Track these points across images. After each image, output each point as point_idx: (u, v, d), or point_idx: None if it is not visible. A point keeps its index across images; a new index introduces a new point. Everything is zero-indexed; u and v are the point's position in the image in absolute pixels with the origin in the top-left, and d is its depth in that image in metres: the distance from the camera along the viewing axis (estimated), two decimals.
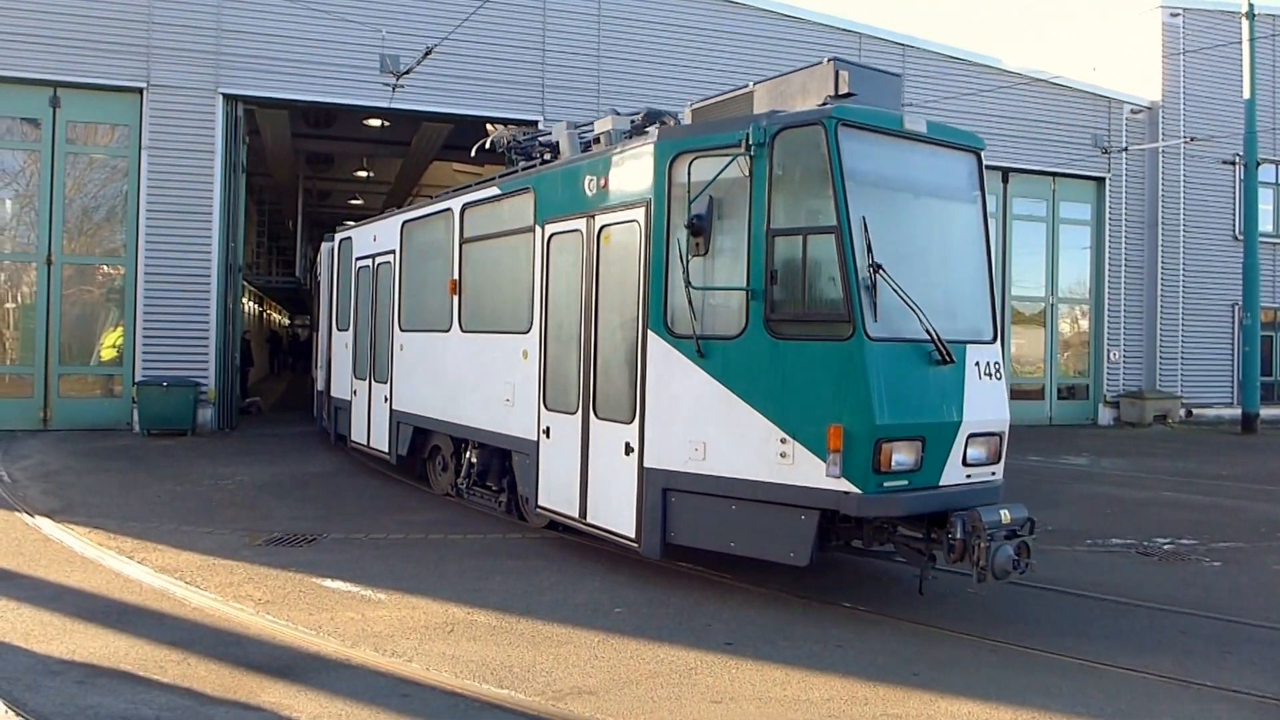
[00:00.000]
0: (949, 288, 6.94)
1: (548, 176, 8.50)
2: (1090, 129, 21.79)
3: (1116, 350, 22.62)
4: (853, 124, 6.27)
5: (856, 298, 5.97)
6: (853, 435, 5.93)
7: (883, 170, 6.56)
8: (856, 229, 6.04)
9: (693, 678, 5.27)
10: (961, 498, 6.31)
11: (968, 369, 6.48)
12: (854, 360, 5.98)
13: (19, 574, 7.05)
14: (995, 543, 5.96)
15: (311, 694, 4.87)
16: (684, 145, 6.80)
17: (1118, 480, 13.76)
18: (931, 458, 6.22)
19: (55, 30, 15.52)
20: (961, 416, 6.37)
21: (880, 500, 6.02)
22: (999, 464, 6.74)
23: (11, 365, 16.31)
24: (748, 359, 6.38)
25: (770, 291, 6.24)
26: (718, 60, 18.97)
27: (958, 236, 7.06)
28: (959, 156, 7.01)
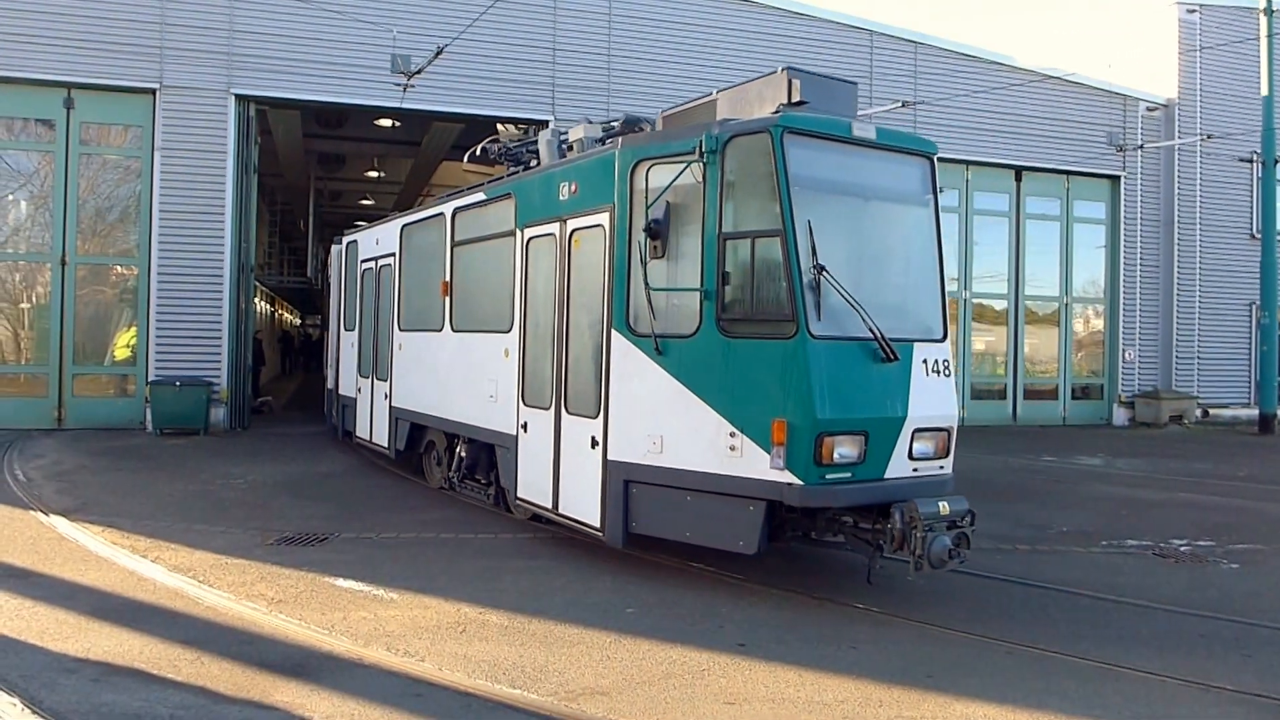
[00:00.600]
0: (899, 288, 7.25)
1: (526, 183, 8.90)
2: (1105, 127, 21.64)
3: (1131, 350, 22.47)
4: (799, 131, 6.54)
5: (800, 298, 6.26)
6: (795, 429, 6.20)
7: (831, 175, 6.81)
8: (801, 232, 6.33)
9: (705, 679, 5.24)
10: (908, 490, 6.52)
11: (914, 366, 6.71)
12: (797, 357, 6.26)
13: (35, 572, 7.08)
14: (932, 533, 6.21)
15: (324, 693, 4.86)
16: (643, 153, 7.13)
17: (1133, 481, 13.66)
18: (875, 451, 6.46)
19: (69, 32, 15.60)
20: (906, 412, 6.61)
21: (822, 491, 6.29)
22: (947, 458, 6.97)
23: (26, 365, 16.41)
24: (701, 356, 6.68)
25: (722, 292, 6.54)
26: (728, 58, 18.91)
27: (909, 238, 7.36)
28: (911, 161, 7.27)
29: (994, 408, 21.81)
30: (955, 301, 21.42)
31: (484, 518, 9.45)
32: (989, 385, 22.06)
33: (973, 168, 21.29)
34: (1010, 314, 22.01)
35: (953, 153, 20.72)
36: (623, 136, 7.82)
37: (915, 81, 19.92)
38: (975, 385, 21.75)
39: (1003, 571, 7.87)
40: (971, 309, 21.63)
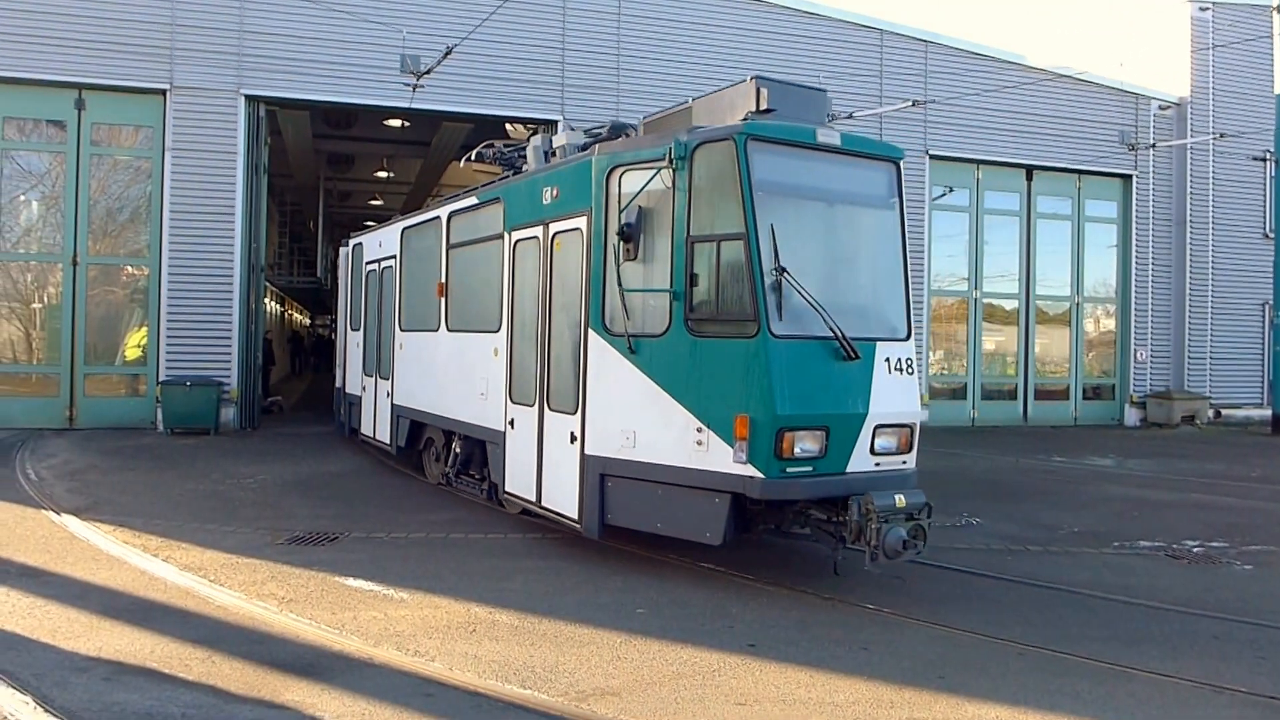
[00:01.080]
0: (863, 288, 7.53)
1: (514, 187, 9.23)
2: (1117, 125, 21.53)
3: (1143, 350, 22.35)
4: (762, 138, 6.80)
5: (762, 299, 6.50)
6: (757, 424, 6.44)
7: (795, 180, 7.06)
8: (764, 236, 6.56)
9: (716, 679, 5.22)
10: (869, 484, 6.70)
11: (877, 364, 6.92)
12: (758, 356, 6.51)
13: (47, 571, 7.10)
14: (888, 525, 6.43)
15: (335, 693, 4.87)
16: (618, 159, 7.41)
17: (1145, 482, 13.59)
18: (837, 446, 6.69)
19: (80, 33, 15.67)
20: (868, 408, 6.82)
21: (782, 485, 6.52)
22: (910, 454, 7.15)
23: (38, 365, 16.50)
24: (671, 355, 6.95)
25: (690, 294, 6.81)
26: (738, 58, 18.86)
27: (874, 241, 7.56)
28: (876, 166, 7.48)
29: (1004, 408, 21.72)
30: (966, 301, 21.37)
31: (493, 518, 9.45)
32: (999, 385, 21.97)
33: (983, 167, 21.22)
34: (1021, 314, 21.92)
35: (963, 152, 20.69)
36: (599, 143, 8.08)
37: (926, 81, 19.86)
38: (986, 385, 21.67)
39: (1014, 572, 7.83)
40: (982, 309, 21.56)
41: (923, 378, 20.27)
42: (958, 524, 9.93)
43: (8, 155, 16.21)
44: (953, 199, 21.17)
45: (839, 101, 16.84)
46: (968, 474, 13.95)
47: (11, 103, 16.00)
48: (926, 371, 20.49)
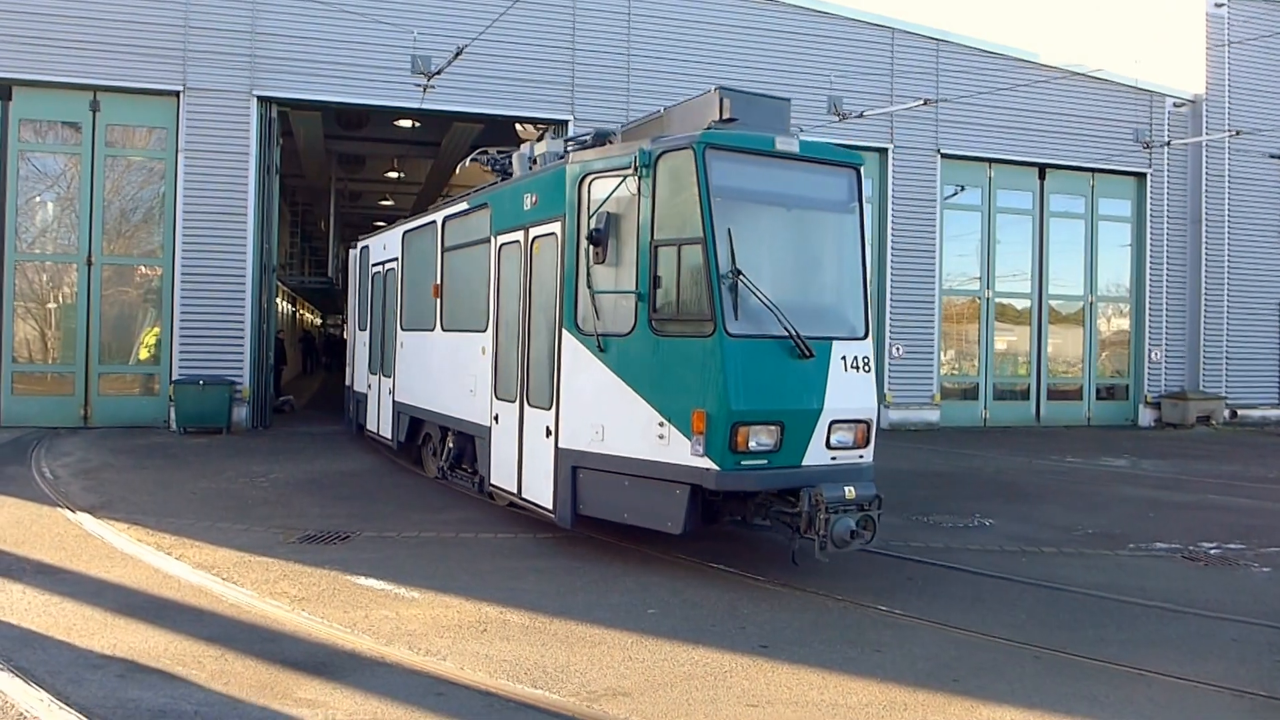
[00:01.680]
0: (821, 289, 7.81)
1: (499, 194, 9.64)
2: (1131, 123, 21.38)
3: (1158, 349, 22.19)
4: (720, 147, 7.11)
5: (718, 300, 6.79)
6: (713, 419, 6.74)
7: (753, 186, 7.35)
8: (721, 240, 6.86)
9: (728, 680, 5.20)
10: (825, 477, 6.97)
11: (833, 362, 7.18)
12: (714, 354, 6.79)
13: (62, 569, 7.14)
14: (836, 516, 6.73)
15: (347, 692, 4.87)
16: (589, 167, 7.75)
17: (1160, 483, 13.49)
18: (792, 440, 6.96)
19: (95, 36, 15.75)
20: (823, 404, 7.09)
21: (737, 476, 6.82)
22: (867, 448, 7.42)
23: (53, 364, 16.59)
24: (636, 353, 7.28)
25: (653, 295, 7.13)
26: (749, 57, 18.86)
27: (833, 244, 7.81)
28: (836, 172, 7.75)
29: (1017, 408, 21.60)
30: (977, 300, 21.26)
31: (504, 517, 9.45)
32: (1011, 385, 21.86)
33: (996, 165, 21.11)
34: (1033, 313, 21.79)
35: (975, 150, 20.59)
36: (573, 151, 8.50)
37: (937, 79, 19.77)
38: (998, 385, 21.55)
39: (1028, 574, 7.78)
40: (994, 308, 21.45)
41: (934, 378, 20.22)
42: (970, 525, 9.87)
43: (24, 157, 16.30)
44: (964, 198, 21.08)
45: (850, 100, 16.92)
46: (980, 475, 13.88)
47: (28, 105, 16.09)
48: (938, 371, 20.40)
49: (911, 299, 20.08)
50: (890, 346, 19.89)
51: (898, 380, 19.96)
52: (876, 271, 20.14)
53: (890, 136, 19.78)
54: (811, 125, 17.59)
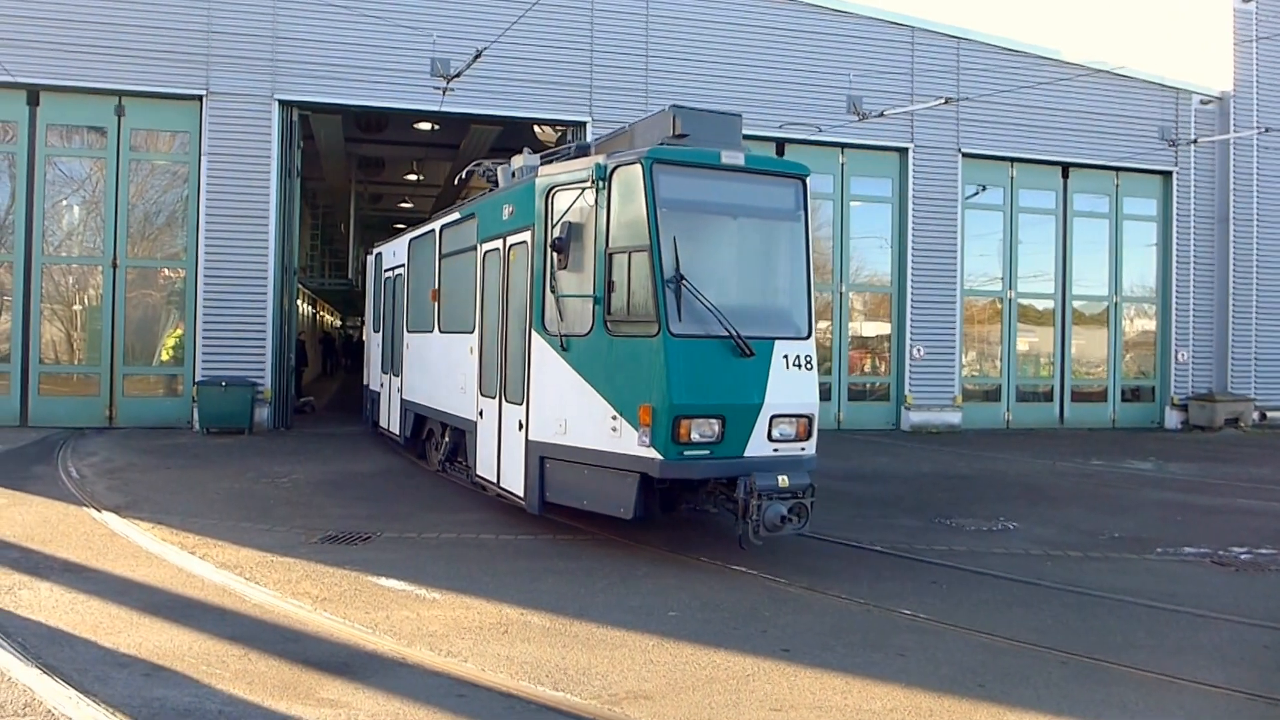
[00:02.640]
0: (765, 292, 8.33)
1: (484, 204, 10.29)
2: (1157, 121, 21.07)
3: (1185, 351, 21.91)
4: (667, 161, 7.62)
5: (662, 303, 7.31)
6: (657, 412, 7.26)
7: (699, 197, 7.86)
8: (666, 247, 7.38)
9: (750, 684, 5.16)
10: (766, 467, 7.40)
11: (774, 360, 7.63)
12: (659, 353, 7.31)
13: (88, 567, 7.20)
14: (769, 502, 7.17)
15: (369, 692, 4.87)
16: (554, 181, 8.27)
17: (1188, 486, 13.32)
18: (733, 433, 7.45)
19: (120, 42, 15.92)
20: (763, 400, 7.54)
21: (679, 465, 7.33)
22: (808, 440, 7.84)
23: (79, 365, 16.77)
24: (593, 353, 7.81)
25: (608, 299, 7.65)
26: (767, 57, 18.80)
27: (778, 250, 8.29)
28: (781, 182, 8.23)
29: (1040, 410, 21.39)
30: (999, 301, 21.09)
31: (524, 519, 9.44)
32: (1034, 387, 21.65)
33: (1018, 165, 20.92)
34: (1057, 314, 21.58)
35: (997, 150, 20.42)
36: (542, 165, 9.02)
37: (958, 77, 19.62)
38: (1020, 387, 21.34)
39: (1054, 578, 7.68)
40: (1016, 309, 21.26)
41: (955, 379, 20.06)
42: (994, 528, 9.78)
43: (51, 161, 16.49)
44: (986, 197, 20.91)
45: (870, 100, 16.82)
46: (1003, 477, 13.76)
47: (54, 110, 16.29)
48: (959, 373, 20.25)
49: (932, 299, 19.93)
50: (911, 348, 19.76)
51: (918, 382, 19.82)
52: (898, 271, 20.04)
53: (911, 136, 19.65)
54: (831, 125, 17.56)
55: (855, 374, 20.29)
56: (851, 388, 20.07)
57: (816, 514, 7.50)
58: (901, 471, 13.96)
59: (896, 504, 11.10)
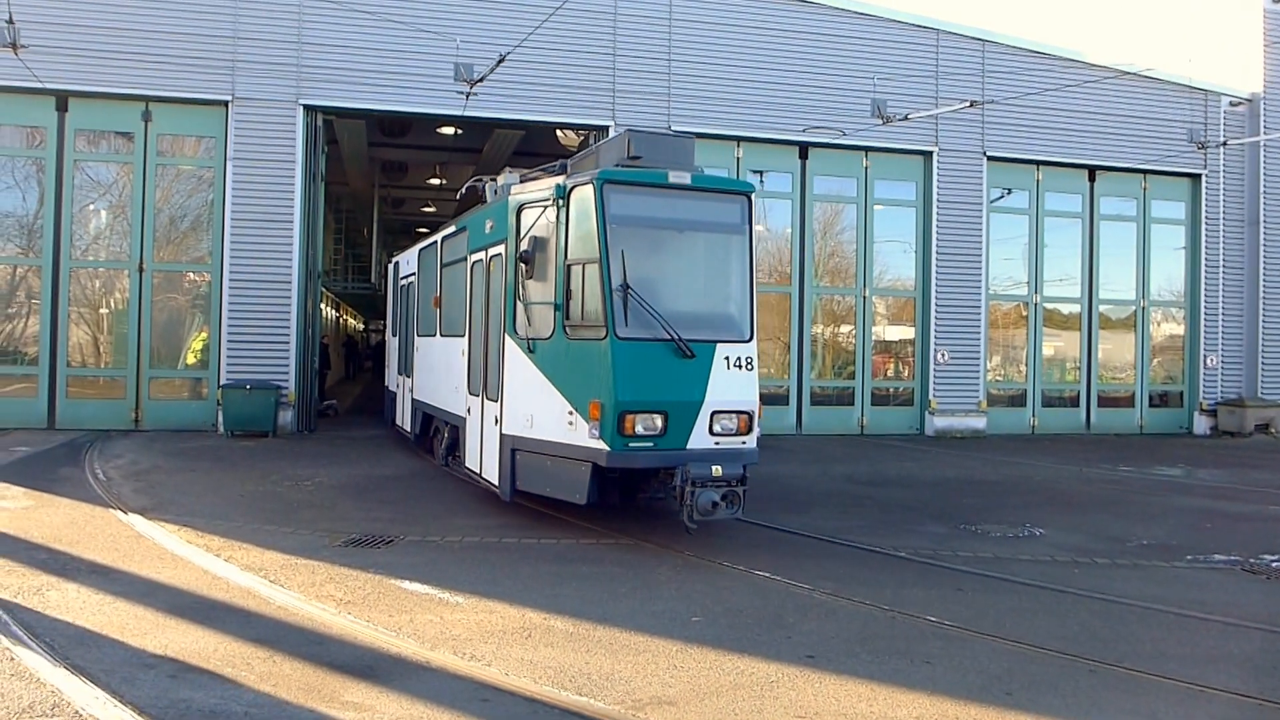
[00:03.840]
0: (709, 299, 8.96)
1: (473, 219, 11.17)
2: (1185, 123, 20.84)
3: (1214, 355, 21.61)
4: (617, 181, 8.33)
5: (610, 309, 8.02)
6: (605, 408, 7.98)
7: (648, 214, 8.58)
8: (614, 259, 8.07)
9: (774, 690, 5.13)
10: (709, 458, 8.05)
11: (716, 361, 8.27)
12: (606, 354, 8.03)
13: (114, 569, 7.26)
14: (701, 489, 7.84)
15: (393, 695, 4.87)
16: (524, 199, 9.05)
17: (1217, 493, 13.13)
18: (676, 426, 8.10)
19: (148, 48, 16.09)
20: (704, 397, 8.18)
21: (625, 456, 8.02)
22: (749, 434, 8.42)
23: (105, 368, 16.95)
24: (554, 354, 8.57)
25: (567, 306, 8.38)
26: (791, 60, 18.74)
27: (722, 260, 8.95)
28: (726, 199, 8.92)
29: (1066, 415, 21.17)
30: (1024, 305, 20.91)
31: (546, 523, 9.45)
32: (1060, 392, 21.42)
33: (1044, 168, 20.74)
34: (1083, 318, 21.36)
35: (1023, 153, 20.26)
36: (514, 184, 9.76)
37: (983, 80, 19.48)
38: (1046, 392, 21.11)
39: (1081, 586, 7.59)
40: (1042, 313, 21.06)
41: (980, 384, 19.90)
42: (1020, 535, 9.68)
43: (79, 166, 16.69)
44: (1011, 201, 20.74)
45: (894, 103, 16.74)
46: (1029, 483, 13.62)
47: (83, 116, 16.49)
48: (984, 378, 20.08)
49: (957, 304, 19.79)
50: (935, 352, 19.62)
51: (943, 386, 19.68)
52: (922, 275, 19.92)
53: (935, 139, 19.53)
54: (855, 128, 17.48)
55: (879, 378, 20.16)
56: (875, 392, 19.95)
57: (842, 520, 7.54)
58: (926, 477, 13.85)
59: (921, 509, 11.01)
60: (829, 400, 19.75)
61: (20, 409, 16.12)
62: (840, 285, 20.06)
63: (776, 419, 19.09)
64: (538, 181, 9.42)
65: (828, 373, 20.07)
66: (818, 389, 19.63)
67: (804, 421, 19.29)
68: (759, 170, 19.24)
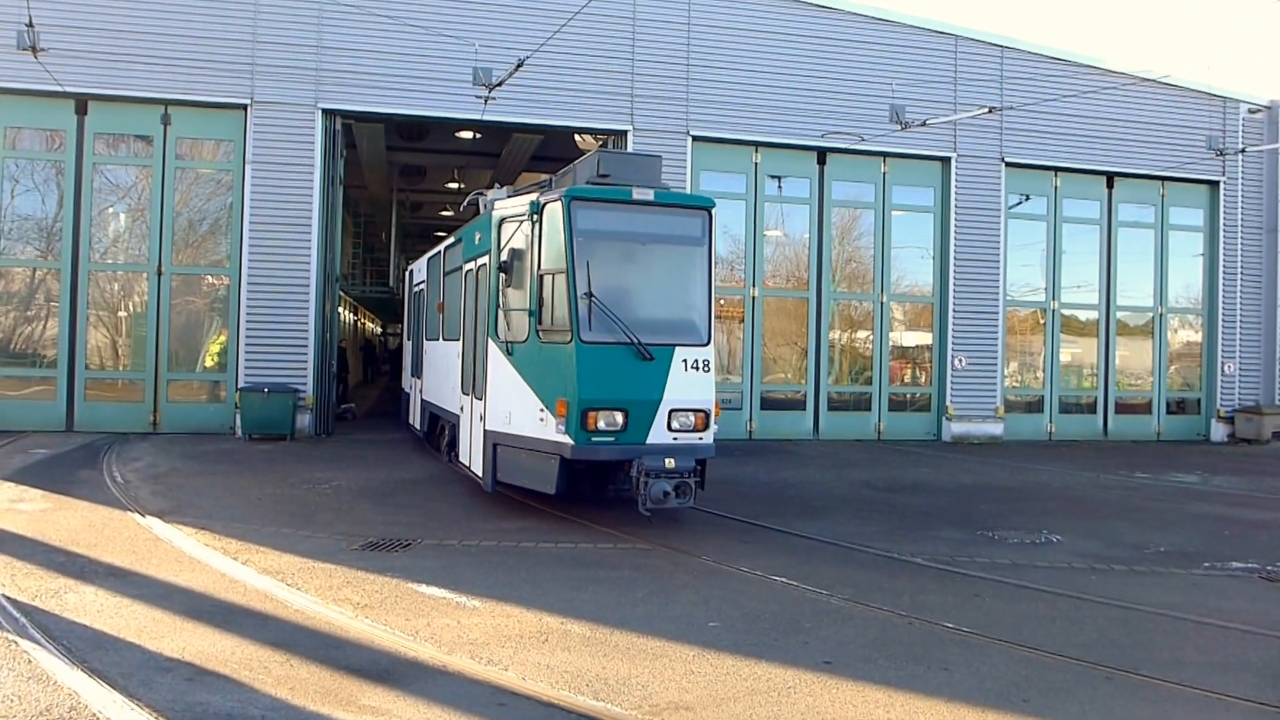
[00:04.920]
0: (670, 306, 9.60)
1: (466, 231, 12.09)
2: (1203, 130, 20.71)
3: (1231, 362, 21.44)
4: (584, 198, 9.09)
5: (575, 315, 8.76)
6: (570, 405, 8.70)
7: (613, 228, 9.30)
8: (580, 270, 8.82)
9: (791, 697, 5.11)
10: (667, 452, 8.76)
11: (674, 363, 8.95)
12: (572, 356, 8.76)
13: (132, 571, 7.31)
14: (654, 480, 8.58)
15: (410, 700, 4.89)
16: (504, 214, 9.85)
17: (1235, 500, 13.02)
18: (636, 423, 8.80)
19: (167, 52, 16.22)
20: (662, 396, 8.87)
21: (588, 449, 8.74)
22: (706, 430, 9.09)
23: (124, 371, 17.08)
24: (529, 356, 9.31)
25: (540, 312, 9.12)
26: (810, 66, 18.72)
27: (682, 270, 9.63)
28: (687, 213, 9.60)
29: (1083, 422, 21.04)
30: (1042, 312, 20.80)
31: (564, 527, 9.46)
32: (1077, 399, 21.29)
33: (1062, 174, 20.65)
34: (1101, 325, 21.23)
35: (1041, 159, 20.18)
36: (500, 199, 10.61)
37: (1001, 86, 19.42)
38: (1063, 399, 20.99)
39: (1098, 593, 7.54)
40: (1059, 320, 20.94)
41: (997, 390, 19.80)
42: (1037, 541, 9.62)
43: (98, 169, 16.84)
44: (1029, 207, 20.66)
45: (913, 109, 16.71)
46: (1045, 490, 13.54)
47: (102, 119, 16.64)
48: (1001, 384, 19.97)
49: (974, 310, 19.71)
50: (952, 358, 19.54)
51: (960, 392, 19.59)
52: (940, 281, 19.86)
53: (954, 145, 19.47)
54: (874, 134, 17.44)
55: (896, 384, 20.10)
56: (892, 398, 19.89)
57: (859, 525, 7.48)
58: (943, 483, 13.79)
59: (938, 516, 10.96)
60: (846, 406, 19.69)
61: (39, 411, 16.26)
62: (858, 290, 20.02)
63: (793, 424, 19.06)
64: (519, 198, 10.14)
65: (845, 378, 20.01)
66: (835, 394, 19.58)
67: (821, 427, 19.25)
68: (777, 175, 19.25)
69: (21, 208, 16.79)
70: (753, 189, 19.05)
